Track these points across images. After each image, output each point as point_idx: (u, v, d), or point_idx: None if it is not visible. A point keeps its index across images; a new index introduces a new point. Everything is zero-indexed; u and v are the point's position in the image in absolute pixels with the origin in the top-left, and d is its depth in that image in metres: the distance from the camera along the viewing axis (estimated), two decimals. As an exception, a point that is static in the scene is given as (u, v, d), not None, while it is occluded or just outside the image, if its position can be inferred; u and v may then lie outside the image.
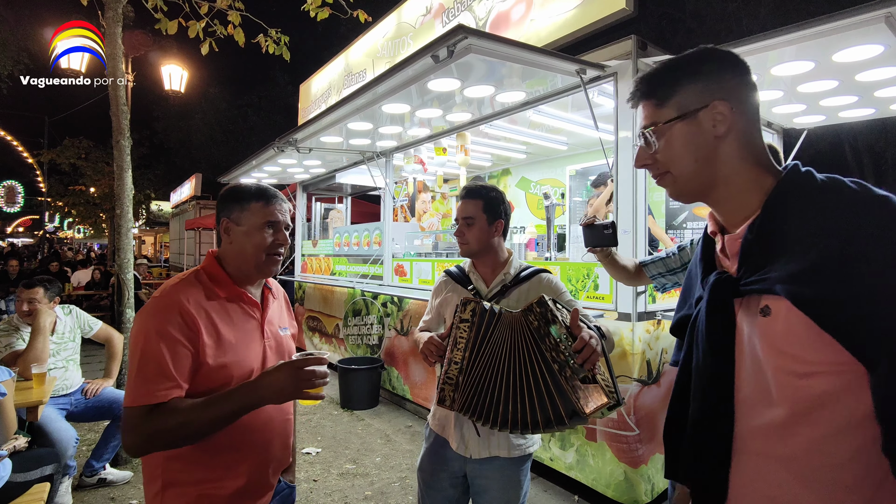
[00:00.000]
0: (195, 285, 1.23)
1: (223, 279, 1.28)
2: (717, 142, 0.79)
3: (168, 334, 1.12)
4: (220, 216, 1.32)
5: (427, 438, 1.75)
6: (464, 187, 1.76)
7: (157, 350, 1.10)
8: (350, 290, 5.52)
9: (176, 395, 1.11)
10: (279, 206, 1.34)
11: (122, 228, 3.51)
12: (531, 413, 1.28)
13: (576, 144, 5.25)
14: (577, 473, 2.96)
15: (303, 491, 3.06)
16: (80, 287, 9.61)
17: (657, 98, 0.84)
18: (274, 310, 1.42)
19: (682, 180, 0.84)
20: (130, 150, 3.59)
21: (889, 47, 2.36)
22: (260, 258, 1.29)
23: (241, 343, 1.25)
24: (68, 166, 15.42)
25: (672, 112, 0.81)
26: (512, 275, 1.70)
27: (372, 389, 4.68)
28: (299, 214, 7.35)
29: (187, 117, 20.42)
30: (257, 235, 1.29)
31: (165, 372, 1.10)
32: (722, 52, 0.82)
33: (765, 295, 0.73)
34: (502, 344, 1.36)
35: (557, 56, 2.70)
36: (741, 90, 0.80)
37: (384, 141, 4.73)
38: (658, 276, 1.93)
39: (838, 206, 0.69)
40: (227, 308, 1.26)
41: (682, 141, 0.81)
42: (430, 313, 1.85)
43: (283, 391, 1.12)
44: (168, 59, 8.35)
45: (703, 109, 0.79)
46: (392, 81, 2.97)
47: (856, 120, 3.69)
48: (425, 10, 5.10)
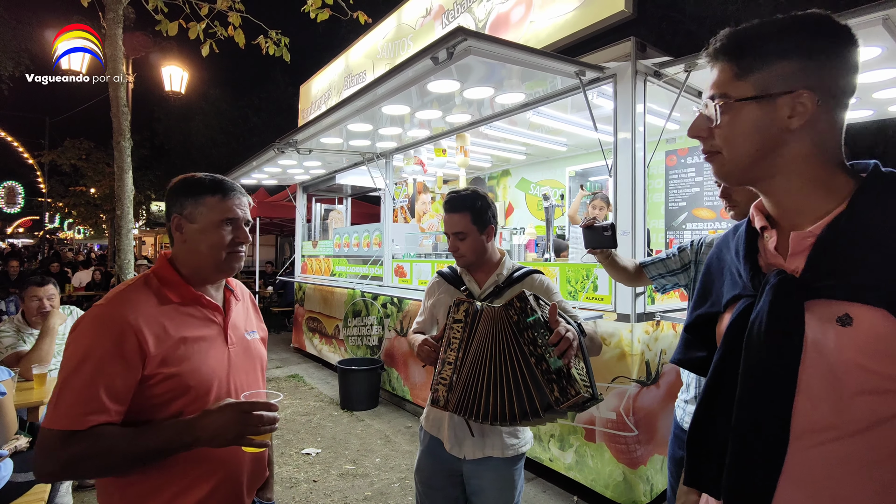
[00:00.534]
0: (143, 291, 1.12)
1: (176, 282, 1.17)
2: (788, 135, 0.70)
3: (104, 351, 1.00)
4: (171, 212, 1.19)
5: (422, 440, 1.75)
6: (448, 199, 1.72)
7: (88, 369, 0.99)
8: (350, 291, 5.52)
9: (102, 422, 0.98)
10: (238, 201, 1.22)
11: (123, 229, 3.53)
12: (509, 405, 1.30)
13: (575, 145, 5.27)
14: (577, 474, 2.96)
15: (303, 491, 3.07)
16: (80, 288, 9.63)
17: (739, 66, 0.72)
18: (238, 312, 1.31)
19: (733, 164, 0.75)
20: (131, 152, 3.60)
21: (887, 49, 2.37)
22: (218, 257, 1.18)
23: (199, 351, 1.13)
24: (69, 167, 15.46)
25: (749, 89, 0.71)
26: (505, 275, 1.72)
27: (372, 390, 4.68)
28: (299, 215, 7.36)
29: (187, 118, 20.43)
30: (214, 233, 1.17)
31: (93, 395, 0.98)
32: (837, 27, 0.69)
33: (846, 302, 0.65)
34: (486, 338, 1.38)
35: (556, 58, 2.71)
36: (839, 78, 0.69)
37: (384, 142, 4.74)
38: (658, 277, 1.93)
39: None
40: (183, 313, 1.15)
41: (748, 125, 0.71)
42: (423, 315, 1.85)
43: (223, 436, 1.01)
44: (168, 61, 8.37)
45: (784, 95, 0.69)
46: (392, 83, 2.99)
47: (855, 121, 3.71)
48: (425, 12, 5.11)
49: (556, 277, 3.21)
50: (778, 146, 0.71)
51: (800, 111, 0.69)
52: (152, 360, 1.05)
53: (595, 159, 5.37)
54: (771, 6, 10.12)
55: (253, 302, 1.46)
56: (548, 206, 3.94)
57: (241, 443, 1.03)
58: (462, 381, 1.40)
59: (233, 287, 1.33)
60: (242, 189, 1.25)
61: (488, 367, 1.35)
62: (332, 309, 6.06)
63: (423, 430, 1.75)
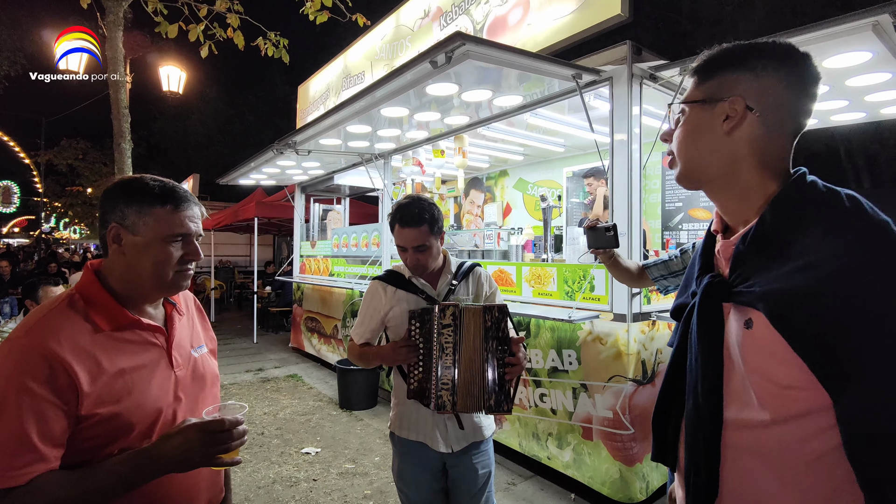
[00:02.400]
0: (69, 317, 0.95)
1: (107, 304, 1.00)
2: (724, 139, 0.78)
3: (29, 391, 0.85)
4: (108, 219, 1.01)
5: (398, 448, 1.74)
6: (402, 215, 1.65)
7: (14, 413, 0.84)
8: (349, 291, 5.55)
9: (40, 472, 0.84)
10: (191, 212, 1.06)
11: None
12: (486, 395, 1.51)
13: (572, 146, 5.30)
14: (574, 472, 3.00)
15: (302, 490, 3.10)
16: (77, 288, 9.59)
17: (699, 77, 0.82)
18: (183, 328, 1.15)
19: (683, 166, 0.83)
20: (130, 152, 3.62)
21: (877, 54, 2.42)
22: (164, 276, 1.03)
23: (141, 382, 0.99)
24: (66, 167, 15.42)
25: (702, 95, 0.80)
26: (453, 272, 1.77)
27: (370, 390, 4.71)
28: (297, 215, 7.38)
29: (184, 118, 20.39)
30: (160, 249, 1.01)
31: (24, 441, 0.83)
32: (781, 49, 0.76)
33: (749, 308, 0.73)
34: (468, 335, 1.53)
35: (554, 61, 2.74)
36: (777, 93, 0.75)
37: (382, 143, 4.77)
38: (661, 279, 1.95)
39: (833, 229, 0.67)
40: (119, 339, 0.99)
41: (694, 127, 0.80)
42: (368, 323, 1.75)
43: (190, 459, 0.92)
44: (166, 60, 8.35)
45: (722, 101, 0.77)
46: (391, 86, 3.01)
47: (848, 123, 3.75)
48: (423, 14, 5.13)
49: (554, 278, 3.25)
50: (717, 149, 0.79)
51: (732, 115, 0.77)
52: (87, 398, 0.90)
53: (592, 160, 5.40)
54: (767, 7, 10.18)
55: (199, 308, 1.31)
56: (545, 207, 3.97)
57: (210, 463, 0.95)
58: (463, 381, 1.50)
59: (174, 300, 1.16)
60: (195, 198, 1.11)
61: (474, 360, 1.52)
62: (330, 309, 6.08)
63: (398, 437, 1.73)
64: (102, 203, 1.04)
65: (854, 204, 0.69)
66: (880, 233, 0.64)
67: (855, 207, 0.68)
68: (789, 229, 0.71)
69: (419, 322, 1.57)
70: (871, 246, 0.63)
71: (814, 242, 0.67)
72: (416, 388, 1.56)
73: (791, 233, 0.71)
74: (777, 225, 0.73)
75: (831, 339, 0.62)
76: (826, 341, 0.62)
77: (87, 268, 1.05)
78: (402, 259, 1.73)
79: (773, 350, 0.68)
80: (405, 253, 1.68)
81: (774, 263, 0.70)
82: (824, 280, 0.63)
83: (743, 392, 0.74)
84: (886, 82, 2.79)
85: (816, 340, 0.63)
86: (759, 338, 0.71)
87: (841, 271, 0.63)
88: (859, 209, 0.68)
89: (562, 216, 5.30)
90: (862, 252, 0.63)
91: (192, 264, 1.08)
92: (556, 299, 3.20)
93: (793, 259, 0.68)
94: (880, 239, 0.64)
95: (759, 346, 0.71)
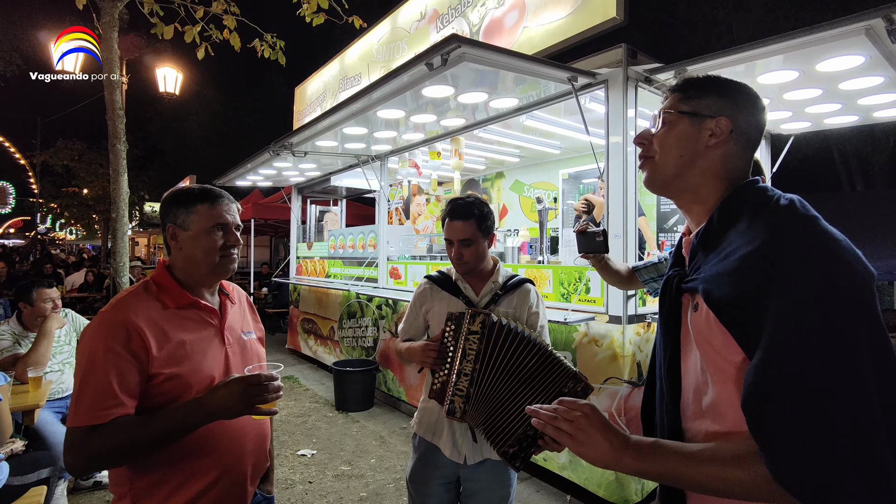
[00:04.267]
0: (144, 297, 1.20)
1: (173, 288, 1.24)
2: (705, 150, 0.89)
3: (113, 350, 1.09)
4: (165, 222, 1.27)
5: (416, 448, 1.75)
6: (452, 207, 1.71)
7: (101, 368, 1.07)
8: (345, 293, 5.54)
9: (120, 414, 1.07)
10: (227, 207, 1.29)
11: (118, 232, 3.53)
12: (520, 427, 1.38)
13: (568, 148, 5.31)
14: (570, 473, 3.00)
15: (298, 493, 3.09)
16: (73, 290, 9.56)
17: (685, 93, 0.93)
18: (234, 314, 1.38)
19: (660, 168, 0.93)
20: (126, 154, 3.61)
21: (869, 58, 2.44)
22: (212, 261, 1.25)
23: (198, 352, 1.22)
24: (62, 168, 15.35)
25: (688, 108, 0.91)
26: (500, 283, 1.73)
27: (367, 391, 4.70)
28: (294, 217, 7.37)
29: (181, 119, 20.33)
30: (206, 239, 1.24)
31: (108, 390, 1.07)
32: (753, 93, 0.92)
33: (697, 294, 0.83)
34: (523, 366, 1.41)
35: (549, 64, 2.75)
36: (749, 123, 0.90)
37: (379, 145, 4.77)
38: (650, 281, 1.97)
39: (755, 221, 0.78)
40: (182, 317, 1.23)
41: (680, 135, 0.91)
42: (412, 320, 1.81)
43: (234, 407, 1.10)
44: (163, 62, 8.35)
45: (710, 119, 0.89)
46: (387, 88, 3.02)
47: (841, 126, 3.78)
48: (420, 16, 5.14)
49: (549, 279, 3.26)
50: (696, 159, 0.90)
51: (717, 133, 0.89)
52: (155, 360, 1.13)
53: (588, 162, 5.42)
54: (760, 11, 10.24)
55: (250, 304, 1.53)
56: (541, 209, 3.98)
57: (250, 412, 1.11)
58: (481, 394, 1.43)
59: (228, 291, 1.40)
60: (231, 196, 1.32)
61: (511, 386, 1.40)
62: (327, 310, 6.07)
63: (418, 436, 1.74)
64: (161, 212, 1.29)
65: (786, 204, 0.78)
66: (795, 220, 0.74)
67: (784, 206, 0.78)
68: (726, 225, 0.83)
69: (454, 325, 1.55)
70: (779, 230, 0.73)
71: (741, 232, 0.79)
72: (439, 389, 1.53)
73: (727, 228, 0.83)
74: (720, 223, 0.84)
75: (743, 310, 0.72)
76: (740, 312, 0.72)
77: (159, 263, 1.31)
78: (448, 255, 1.74)
79: (712, 328, 0.79)
80: (451, 247, 1.70)
81: (712, 253, 0.83)
82: (739, 261, 0.74)
83: (701, 372, 0.84)
84: (879, 86, 2.81)
85: (734, 313, 0.73)
86: (702, 318, 0.81)
87: (749, 253, 0.73)
88: (787, 207, 0.77)
89: (558, 218, 5.30)
90: (770, 234, 0.73)
91: (235, 249, 1.29)
92: (552, 301, 3.21)
93: (724, 248, 0.80)
94: (792, 225, 0.74)
95: (702, 326, 0.81)
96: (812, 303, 0.66)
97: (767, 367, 0.67)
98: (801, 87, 2.90)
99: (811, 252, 0.69)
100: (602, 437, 0.80)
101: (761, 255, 0.72)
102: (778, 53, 2.42)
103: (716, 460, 0.73)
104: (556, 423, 0.83)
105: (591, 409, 0.84)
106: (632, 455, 0.77)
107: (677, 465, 0.75)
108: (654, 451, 0.78)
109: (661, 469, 0.77)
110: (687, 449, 0.76)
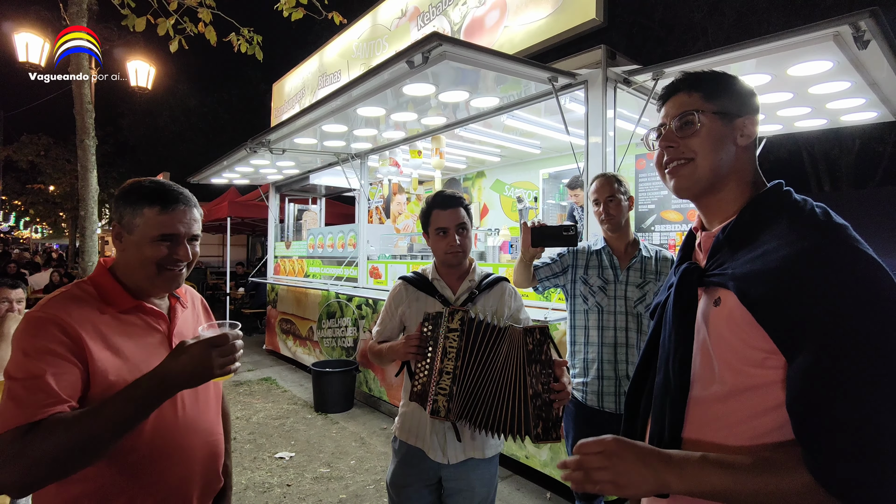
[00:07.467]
0: (77, 299, 1.05)
1: (113, 290, 1.09)
2: (738, 150, 0.88)
3: (46, 349, 0.94)
4: (112, 217, 1.11)
5: (397, 451, 1.73)
6: (441, 196, 1.70)
7: (34, 365, 0.93)
8: (324, 293, 5.47)
9: (59, 410, 0.91)
10: (181, 215, 1.10)
11: (87, 231, 3.41)
12: (508, 421, 1.45)
13: (549, 148, 5.36)
14: (551, 470, 3.02)
15: (276, 496, 3.03)
16: (38, 290, 9.19)
17: (705, 91, 0.90)
18: (186, 319, 1.23)
19: (701, 171, 0.89)
20: (95, 149, 3.48)
21: (837, 63, 2.52)
22: (150, 272, 1.09)
23: (142, 359, 1.06)
24: (26, 164, 14.76)
25: (716, 108, 0.88)
26: (477, 281, 1.73)
27: (346, 392, 4.66)
28: (272, 215, 7.25)
29: (154, 114, 19.76)
30: (149, 249, 1.07)
31: (45, 387, 0.91)
32: (752, 88, 0.93)
33: (720, 288, 0.83)
34: (499, 354, 1.47)
35: (530, 64, 2.76)
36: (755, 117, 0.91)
37: (359, 143, 4.72)
38: (544, 280, 2.14)
39: (794, 225, 0.78)
40: (123, 321, 1.08)
41: (716, 136, 0.88)
42: (388, 322, 1.78)
43: (201, 374, 0.97)
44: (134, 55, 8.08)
45: (740, 118, 0.88)
46: (367, 85, 2.98)
47: (810, 129, 3.90)
48: (401, 13, 5.11)
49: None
50: (732, 158, 0.89)
51: (747, 133, 0.89)
52: (94, 363, 0.99)
53: (568, 162, 5.47)
54: (734, 15, 10.51)
55: (205, 307, 1.40)
56: (521, 209, 4.00)
57: (220, 374, 0.99)
58: (464, 391, 1.46)
59: (179, 294, 1.24)
60: (192, 199, 1.15)
61: (494, 380, 1.46)
62: (305, 310, 5.99)
63: (398, 439, 1.72)
64: (111, 205, 1.16)
65: (820, 210, 0.80)
66: (830, 228, 0.75)
67: (818, 213, 0.79)
68: (760, 225, 0.83)
69: (432, 325, 1.54)
70: (819, 237, 0.74)
71: (779, 233, 0.78)
72: (420, 391, 1.52)
73: (761, 227, 0.82)
74: (754, 220, 0.84)
75: (785, 310, 0.72)
76: (781, 312, 0.72)
77: (100, 262, 1.17)
78: (437, 248, 1.69)
79: (736, 324, 0.78)
80: (446, 236, 1.65)
81: (743, 251, 0.82)
82: (781, 261, 0.74)
83: (706, 368, 0.84)
84: (846, 90, 2.91)
85: (774, 312, 0.73)
86: (724, 314, 0.81)
87: (793, 255, 0.73)
88: (822, 214, 0.79)
89: (538, 217, 5.34)
90: (811, 241, 0.74)
91: (182, 264, 1.12)
92: (532, 300, 3.22)
93: (762, 246, 0.79)
94: (829, 233, 0.75)
95: (724, 321, 0.80)
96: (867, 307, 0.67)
97: (820, 371, 0.67)
98: (774, 91, 2.99)
99: (855, 260, 0.71)
100: (642, 465, 0.76)
101: (806, 257, 0.72)
102: (752, 57, 2.48)
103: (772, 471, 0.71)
104: (592, 478, 0.78)
105: (616, 443, 0.78)
106: (676, 475, 0.74)
107: (728, 481, 0.72)
108: (702, 467, 0.74)
109: (710, 486, 0.73)
110: (738, 462, 0.73)
